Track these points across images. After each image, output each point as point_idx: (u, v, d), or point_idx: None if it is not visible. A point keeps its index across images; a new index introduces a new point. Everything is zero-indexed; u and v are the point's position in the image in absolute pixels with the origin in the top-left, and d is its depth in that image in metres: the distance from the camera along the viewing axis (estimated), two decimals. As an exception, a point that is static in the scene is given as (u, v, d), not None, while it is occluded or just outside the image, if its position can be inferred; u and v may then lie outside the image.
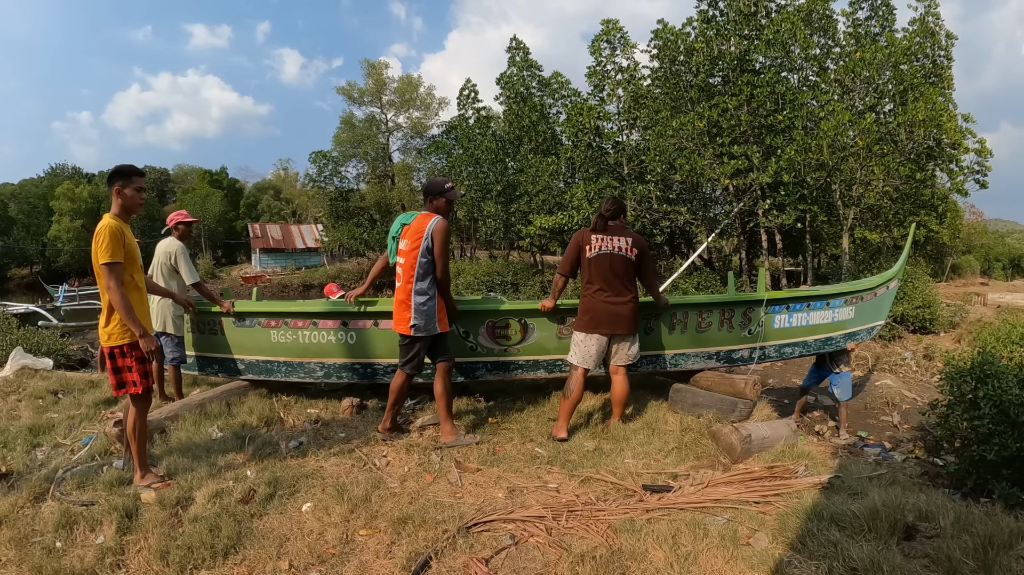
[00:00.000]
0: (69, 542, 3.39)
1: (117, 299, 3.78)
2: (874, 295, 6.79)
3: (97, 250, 3.77)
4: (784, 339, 6.19)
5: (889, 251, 20.63)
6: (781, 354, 6.36)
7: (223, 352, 6.03)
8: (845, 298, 6.45)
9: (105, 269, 3.76)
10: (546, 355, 5.66)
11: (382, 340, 5.55)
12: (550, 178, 23.93)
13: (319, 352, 5.72)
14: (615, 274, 4.93)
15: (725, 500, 3.74)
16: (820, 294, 6.33)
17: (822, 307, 6.28)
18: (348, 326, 5.61)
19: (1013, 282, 28.58)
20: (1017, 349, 9.11)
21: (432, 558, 3.13)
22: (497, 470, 4.38)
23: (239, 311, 5.78)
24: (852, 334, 6.77)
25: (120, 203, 3.98)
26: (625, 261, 4.96)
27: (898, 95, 18.35)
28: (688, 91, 19.87)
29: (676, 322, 5.71)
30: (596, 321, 4.96)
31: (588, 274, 5.01)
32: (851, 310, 6.52)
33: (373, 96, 41.97)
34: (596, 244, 4.97)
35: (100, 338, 4.02)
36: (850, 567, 2.86)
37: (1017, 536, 3.03)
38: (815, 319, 6.27)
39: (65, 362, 9.76)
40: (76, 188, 52.61)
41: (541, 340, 5.59)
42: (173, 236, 6.10)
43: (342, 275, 44.56)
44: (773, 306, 5.95)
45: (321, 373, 5.83)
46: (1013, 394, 4.32)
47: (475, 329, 5.54)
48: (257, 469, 4.33)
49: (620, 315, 4.94)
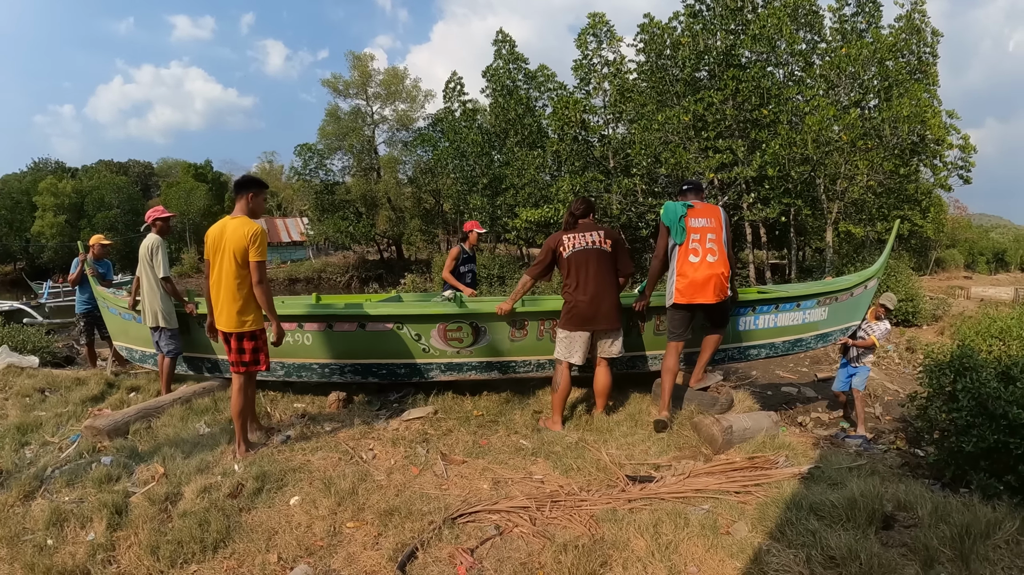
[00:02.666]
0: (60, 539, 3.40)
1: (266, 292, 4.50)
2: (850, 295, 6.62)
3: (251, 248, 4.36)
4: (748, 341, 6.10)
5: (873, 245, 20.81)
6: (745, 355, 6.30)
7: (201, 351, 6.17)
8: (818, 299, 6.28)
9: (258, 267, 4.40)
10: (499, 357, 5.71)
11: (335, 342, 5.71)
12: (536, 171, 23.97)
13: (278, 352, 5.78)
14: (593, 269, 4.98)
15: (706, 490, 3.80)
16: (790, 295, 6.18)
17: (791, 309, 6.14)
18: (303, 327, 5.71)
19: (996, 276, 28.86)
20: (996, 343, 9.21)
21: (418, 549, 3.18)
22: (482, 462, 4.43)
23: (201, 313, 5.86)
24: (824, 335, 6.62)
25: (251, 208, 4.56)
26: (601, 254, 5.02)
27: (883, 91, 18.50)
28: (674, 85, 19.96)
29: (632, 325, 5.71)
30: (579, 319, 5.01)
31: (566, 273, 5.07)
32: (824, 311, 6.37)
33: (358, 88, 41.66)
34: (570, 243, 5.04)
35: (227, 325, 4.50)
36: (828, 556, 2.91)
37: (994, 526, 3.09)
38: (784, 321, 6.16)
39: (51, 359, 9.71)
40: (59, 183, 51.84)
41: (494, 343, 5.64)
42: (152, 232, 6.12)
43: (328, 268, 44.36)
44: (737, 309, 5.84)
45: (282, 372, 5.91)
46: (991, 387, 4.39)
47: (427, 331, 5.60)
48: (245, 463, 4.35)
49: (601, 312, 4.99)
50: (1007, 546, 3.01)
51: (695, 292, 4.94)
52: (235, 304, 4.47)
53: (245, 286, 4.47)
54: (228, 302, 4.48)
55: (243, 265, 4.42)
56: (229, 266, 4.42)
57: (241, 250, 4.37)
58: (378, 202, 39.91)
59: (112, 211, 50.18)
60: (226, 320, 4.53)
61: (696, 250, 4.98)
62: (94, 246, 7.92)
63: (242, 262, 4.41)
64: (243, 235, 4.37)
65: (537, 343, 5.64)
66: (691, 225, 5.01)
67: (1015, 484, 3.93)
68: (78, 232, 48.39)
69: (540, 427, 5.18)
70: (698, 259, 4.97)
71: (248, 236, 4.37)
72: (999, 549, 2.98)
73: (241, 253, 4.38)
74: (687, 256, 4.99)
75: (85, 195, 51.64)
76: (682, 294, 4.97)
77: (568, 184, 21.21)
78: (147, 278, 5.95)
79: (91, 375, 7.18)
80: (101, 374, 7.23)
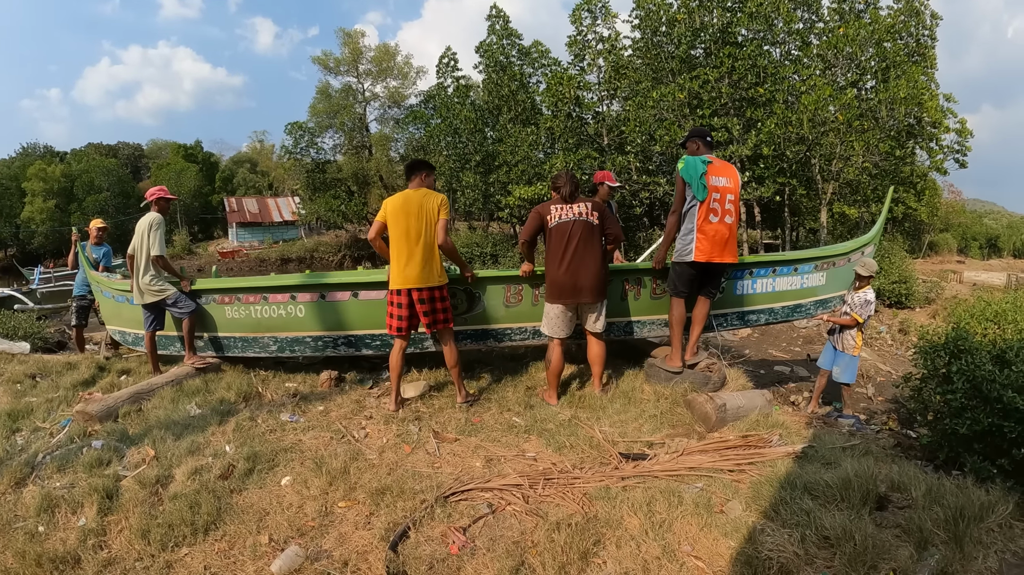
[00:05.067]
0: (51, 526, 3.37)
1: (453, 246, 4.99)
2: (847, 260, 6.61)
3: (440, 211, 4.90)
4: (748, 306, 6.05)
5: (867, 226, 20.80)
6: (745, 321, 6.23)
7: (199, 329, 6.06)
8: (815, 263, 6.26)
9: (445, 224, 4.93)
10: (496, 324, 5.66)
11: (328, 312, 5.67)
12: (530, 148, 23.83)
13: (272, 327, 5.78)
14: (576, 241, 4.89)
15: (700, 468, 3.79)
16: (787, 259, 6.15)
17: (789, 272, 6.10)
18: (296, 299, 5.67)
19: (989, 261, 28.98)
20: (991, 326, 9.22)
21: (410, 528, 3.15)
22: (475, 440, 4.40)
23: (195, 289, 5.86)
24: (823, 301, 6.59)
25: (428, 183, 5.06)
26: (587, 226, 4.93)
27: (880, 72, 18.44)
28: (669, 62, 19.82)
29: (629, 288, 5.68)
30: (559, 291, 4.96)
31: (551, 244, 5.01)
32: (822, 276, 6.36)
33: (349, 66, 41.30)
34: (556, 213, 4.97)
35: (420, 282, 4.86)
36: (822, 535, 2.90)
37: (987, 509, 3.08)
38: (782, 285, 6.10)
39: (42, 345, 9.64)
40: (48, 168, 51.23)
41: (489, 310, 5.59)
42: (153, 210, 6.04)
43: (320, 248, 44.18)
44: (734, 271, 5.82)
45: (275, 347, 5.86)
46: (986, 370, 4.37)
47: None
48: (236, 444, 4.32)
49: (584, 284, 4.91)
50: (1000, 529, 3.01)
51: (716, 251, 4.92)
52: (429, 262, 4.90)
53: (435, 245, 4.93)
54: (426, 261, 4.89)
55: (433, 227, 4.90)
56: (427, 229, 4.87)
57: (435, 210, 4.90)
58: (370, 180, 39.73)
59: (102, 194, 49.67)
60: (425, 278, 4.89)
61: (716, 210, 4.92)
62: (92, 231, 7.86)
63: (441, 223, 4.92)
64: (438, 201, 4.94)
65: (533, 308, 5.58)
66: (712, 183, 4.92)
67: (1008, 468, 3.92)
68: (68, 217, 47.98)
69: (535, 402, 5.15)
70: (718, 219, 4.93)
71: (440, 201, 4.94)
72: (992, 532, 2.98)
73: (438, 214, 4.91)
74: (708, 215, 4.91)
75: (75, 179, 51.08)
76: (703, 252, 4.92)
77: (562, 161, 21.12)
78: (143, 254, 5.87)
79: (82, 359, 7.10)
80: (92, 358, 7.17)
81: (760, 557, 2.81)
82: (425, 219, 4.84)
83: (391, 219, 4.90)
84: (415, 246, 4.83)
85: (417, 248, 4.83)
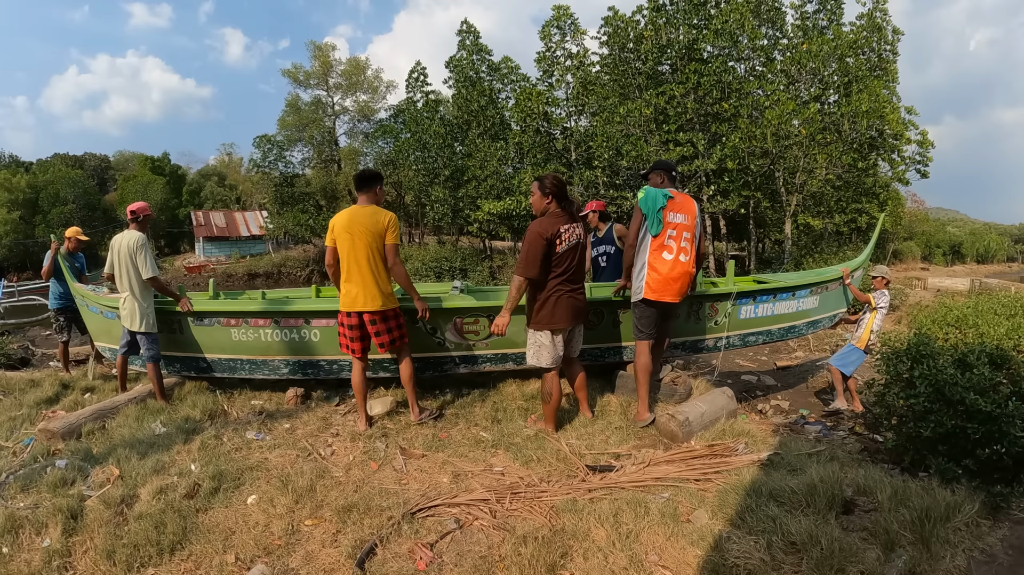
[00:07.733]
0: (15, 547, 3.28)
1: (405, 273, 4.92)
2: (839, 284, 7.05)
3: (387, 234, 4.76)
4: (750, 328, 6.33)
5: (831, 236, 21.18)
6: (745, 342, 6.49)
7: (193, 351, 5.88)
8: (811, 288, 6.60)
9: (395, 249, 4.80)
10: (515, 348, 5.58)
11: None
12: (499, 163, 23.99)
13: (281, 350, 5.66)
14: (577, 265, 4.67)
15: (666, 478, 3.82)
16: (788, 286, 6.43)
17: (788, 298, 6.42)
18: (310, 323, 5.54)
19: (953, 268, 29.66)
20: (952, 331, 9.42)
21: (377, 545, 3.13)
22: (442, 455, 4.39)
23: (198, 311, 5.67)
24: (815, 322, 6.92)
25: (379, 198, 4.95)
26: (583, 249, 4.74)
27: (843, 86, 18.87)
28: (636, 78, 20.06)
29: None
30: (562, 316, 4.59)
31: (559, 267, 4.55)
32: (815, 299, 6.70)
33: (319, 79, 41.25)
34: (566, 236, 4.51)
35: (368, 305, 4.76)
36: (789, 541, 2.94)
37: (954, 509, 3.13)
38: (780, 309, 6.40)
39: (5, 362, 9.41)
40: (13, 178, 50.28)
41: (510, 334, 5.25)
42: (132, 228, 5.73)
43: (288, 263, 43.68)
44: (741, 298, 6.04)
45: (286, 370, 5.76)
46: (948, 374, 4.46)
47: (443, 325, 5.50)
48: (201, 463, 4.25)
49: (582, 307, 4.72)
50: (967, 528, 3.07)
51: (664, 289, 4.78)
52: (373, 285, 4.78)
53: (389, 267, 4.85)
54: (372, 283, 4.78)
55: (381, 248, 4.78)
56: (373, 250, 4.74)
57: (383, 235, 4.76)
58: (339, 194, 39.56)
59: (68, 206, 48.84)
60: (372, 300, 4.78)
61: (671, 247, 4.79)
62: (70, 239, 7.50)
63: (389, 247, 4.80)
64: (388, 221, 4.79)
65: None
66: (669, 219, 4.79)
67: (973, 468, 4.00)
68: (33, 229, 46.97)
69: (502, 416, 5.13)
70: (671, 256, 4.79)
71: (389, 222, 4.79)
72: (959, 531, 3.04)
73: (385, 238, 4.78)
74: (660, 252, 4.79)
75: (40, 190, 50.22)
76: (652, 289, 4.79)
77: (530, 176, 21.25)
78: (131, 279, 5.56)
79: (45, 376, 6.96)
80: (56, 375, 7.00)
81: (727, 564, 2.84)
82: (373, 240, 4.71)
83: (338, 238, 4.78)
84: (364, 268, 4.72)
85: (366, 270, 4.72)
